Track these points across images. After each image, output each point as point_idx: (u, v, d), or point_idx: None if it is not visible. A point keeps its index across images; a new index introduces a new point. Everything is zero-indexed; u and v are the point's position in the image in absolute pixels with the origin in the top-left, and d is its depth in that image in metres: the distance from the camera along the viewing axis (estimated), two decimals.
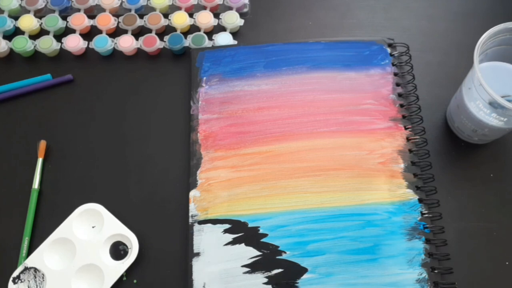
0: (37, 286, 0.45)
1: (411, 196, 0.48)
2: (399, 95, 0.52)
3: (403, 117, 0.51)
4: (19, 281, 0.45)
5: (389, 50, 0.55)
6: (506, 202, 0.49)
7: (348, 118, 0.51)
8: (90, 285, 0.45)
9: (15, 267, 0.46)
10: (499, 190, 0.50)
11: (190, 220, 0.47)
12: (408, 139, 0.50)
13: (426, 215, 0.47)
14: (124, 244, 0.47)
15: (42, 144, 0.52)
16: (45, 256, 0.46)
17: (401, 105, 0.52)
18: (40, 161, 0.51)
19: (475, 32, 0.45)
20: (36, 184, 0.50)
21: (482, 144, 0.52)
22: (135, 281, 0.46)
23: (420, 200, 0.47)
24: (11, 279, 0.45)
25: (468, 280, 0.45)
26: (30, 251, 0.47)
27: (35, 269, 0.45)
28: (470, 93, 0.46)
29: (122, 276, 0.46)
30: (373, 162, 0.49)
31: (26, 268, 0.45)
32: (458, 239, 0.47)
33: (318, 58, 0.54)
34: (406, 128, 0.51)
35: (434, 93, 0.54)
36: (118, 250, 0.47)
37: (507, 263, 0.47)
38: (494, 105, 0.44)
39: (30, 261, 0.45)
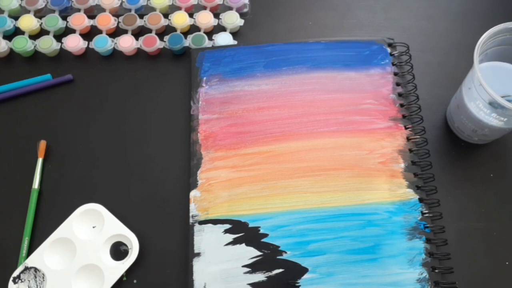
0: (37, 286, 0.45)
1: (412, 195, 0.47)
2: (399, 94, 0.53)
3: (403, 116, 0.51)
4: (20, 280, 0.45)
5: (389, 49, 0.55)
6: (506, 202, 0.49)
7: (348, 118, 0.51)
8: (90, 285, 0.45)
9: (15, 267, 0.46)
10: (499, 190, 0.50)
11: (191, 220, 0.47)
12: (408, 139, 0.50)
13: (427, 215, 0.47)
14: (125, 244, 0.47)
15: (42, 144, 0.52)
16: (45, 256, 0.46)
17: (401, 105, 0.52)
18: (40, 161, 0.51)
19: (475, 32, 0.45)
20: (36, 184, 0.50)
21: (482, 144, 0.52)
22: (135, 281, 0.46)
23: (420, 200, 0.47)
24: (11, 278, 0.45)
25: (468, 280, 0.45)
26: (30, 251, 0.47)
27: (36, 269, 0.45)
28: (470, 93, 0.46)
29: (122, 276, 0.46)
30: (373, 162, 0.49)
31: (26, 268, 0.45)
32: (458, 239, 0.47)
33: (318, 58, 0.54)
34: (406, 128, 0.51)
35: (434, 93, 0.54)
36: (118, 250, 0.47)
37: (507, 263, 0.47)
38: (494, 105, 0.44)
39: (31, 261, 0.45)
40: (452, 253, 0.45)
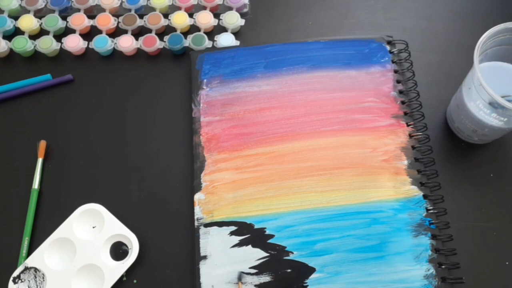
0: (37, 286, 0.45)
1: (416, 192, 0.48)
2: (400, 92, 0.53)
3: (405, 114, 0.51)
4: (20, 280, 0.45)
5: (388, 47, 0.55)
6: (506, 202, 0.49)
7: (350, 116, 0.51)
8: (90, 285, 0.45)
9: (15, 267, 0.46)
10: (499, 190, 0.50)
11: (196, 223, 0.47)
12: (410, 136, 0.50)
13: (431, 211, 0.47)
14: (125, 245, 0.47)
15: (42, 144, 0.52)
16: (45, 256, 0.46)
17: (402, 102, 0.52)
18: (40, 161, 0.51)
19: (475, 32, 0.45)
20: (36, 184, 0.50)
21: (482, 144, 0.52)
22: (135, 281, 0.46)
23: (424, 196, 0.47)
24: (11, 278, 0.45)
25: (468, 280, 0.45)
26: (30, 251, 0.47)
27: (36, 269, 0.45)
28: (470, 93, 0.46)
29: (122, 276, 0.46)
30: (377, 159, 0.49)
31: (26, 268, 0.45)
32: (458, 239, 0.47)
33: (318, 58, 0.55)
34: (408, 125, 0.51)
35: (434, 93, 0.54)
36: (118, 250, 0.47)
37: (507, 263, 0.47)
38: (494, 105, 0.44)
39: (31, 261, 0.45)
40: None
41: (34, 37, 0.58)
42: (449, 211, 0.47)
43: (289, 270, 0.45)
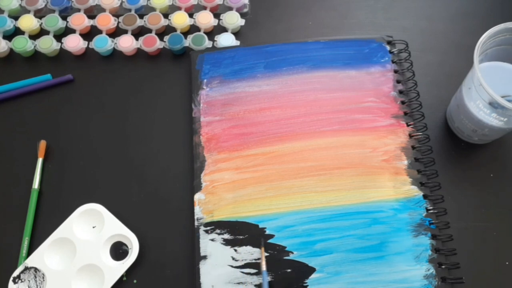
0: (37, 286, 0.45)
1: (416, 192, 0.48)
2: (400, 92, 0.53)
3: (405, 114, 0.51)
4: (20, 280, 0.45)
5: (388, 47, 0.55)
6: (506, 202, 0.49)
7: (350, 116, 0.51)
8: (90, 285, 0.45)
9: (15, 267, 0.46)
10: (499, 190, 0.50)
11: (196, 223, 0.47)
12: (410, 136, 0.50)
13: (431, 211, 0.47)
14: (125, 245, 0.47)
15: (42, 144, 0.52)
16: (45, 256, 0.46)
17: (402, 102, 0.52)
18: (40, 161, 0.51)
19: (475, 32, 0.45)
20: (36, 184, 0.50)
21: (482, 144, 0.52)
22: (135, 281, 0.46)
23: (424, 196, 0.47)
24: (11, 278, 0.45)
25: (468, 280, 0.45)
26: (30, 251, 0.47)
27: (36, 269, 0.45)
28: (470, 93, 0.46)
29: (122, 276, 0.46)
30: (377, 159, 0.49)
31: (26, 268, 0.45)
32: (458, 239, 0.47)
33: (318, 57, 0.55)
34: (408, 125, 0.51)
35: (434, 93, 0.54)
36: (118, 250, 0.47)
37: (507, 263, 0.47)
38: (494, 105, 0.44)
39: (31, 261, 0.45)
40: None
41: (34, 37, 0.58)
42: (449, 211, 0.47)
43: (289, 270, 0.45)
